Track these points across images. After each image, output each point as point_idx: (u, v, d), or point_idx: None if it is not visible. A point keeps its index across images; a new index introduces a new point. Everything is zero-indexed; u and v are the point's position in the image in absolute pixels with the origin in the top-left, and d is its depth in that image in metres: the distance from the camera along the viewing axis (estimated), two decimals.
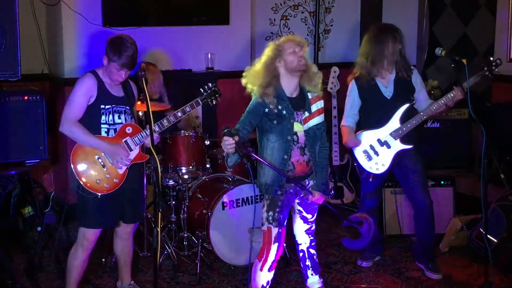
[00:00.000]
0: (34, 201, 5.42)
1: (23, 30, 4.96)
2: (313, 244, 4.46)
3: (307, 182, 4.26)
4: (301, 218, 4.39)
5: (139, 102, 4.59)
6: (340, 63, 6.48)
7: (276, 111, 4.07)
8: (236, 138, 3.79)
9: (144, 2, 6.16)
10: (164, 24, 6.16)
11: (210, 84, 4.40)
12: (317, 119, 4.21)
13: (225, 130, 3.78)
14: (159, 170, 3.66)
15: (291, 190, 4.22)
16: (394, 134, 4.74)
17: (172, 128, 4.72)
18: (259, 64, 4.12)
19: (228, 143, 3.76)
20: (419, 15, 7.42)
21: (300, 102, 4.16)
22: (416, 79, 4.84)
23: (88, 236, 4.20)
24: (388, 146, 4.76)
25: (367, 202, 4.99)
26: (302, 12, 7.14)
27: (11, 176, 5.11)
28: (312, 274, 4.49)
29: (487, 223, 4.54)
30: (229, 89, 6.48)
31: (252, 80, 4.11)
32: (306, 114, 4.17)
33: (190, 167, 5.12)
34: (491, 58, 4.65)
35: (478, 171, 5.33)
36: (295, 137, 4.12)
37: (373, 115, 4.78)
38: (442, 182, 5.71)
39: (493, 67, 4.62)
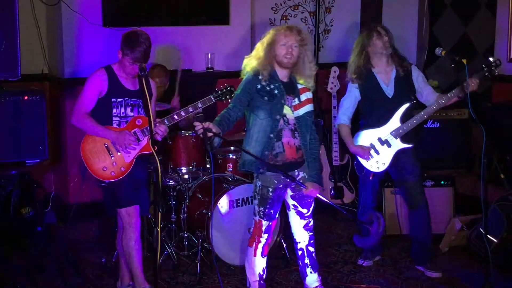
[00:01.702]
0: (34, 201, 5.42)
1: (23, 30, 4.96)
2: (311, 241, 4.45)
3: (296, 173, 4.26)
4: (297, 214, 4.38)
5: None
6: (340, 63, 6.47)
7: (268, 88, 4.19)
8: (207, 124, 3.92)
9: (144, 2, 6.15)
10: (164, 24, 6.16)
11: (226, 85, 4.43)
12: (308, 107, 4.30)
13: (197, 116, 3.96)
14: (159, 170, 3.69)
15: (281, 185, 4.24)
16: (395, 133, 4.75)
17: (172, 128, 4.71)
18: (260, 48, 4.23)
19: (198, 128, 3.92)
20: (419, 15, 7.42)
21: (291, 88, 4.26)
22: (417, 76, 4.85)
23: (130, 215, 4.27)
24: (389, 145, 4.77)
25: (365, 200, 5.00)
26: (302, 12, 7.13)
27: (11, 176, 5.12)
28: (311, 272, 4.48)
29: (487, 223, 4.54)
30: None
31: (252, 60, 4.23)
32: (296, 101, 4.25)
33: (190, 167, 5.14)
34: (491, 59, 4.65)
35: (478, 171, 5.32)
36: (285, 118, 4.19)
37: (374, 113, 4.79)
38: (442, 182, 5.71)
39: (493, 68, 4.62)
